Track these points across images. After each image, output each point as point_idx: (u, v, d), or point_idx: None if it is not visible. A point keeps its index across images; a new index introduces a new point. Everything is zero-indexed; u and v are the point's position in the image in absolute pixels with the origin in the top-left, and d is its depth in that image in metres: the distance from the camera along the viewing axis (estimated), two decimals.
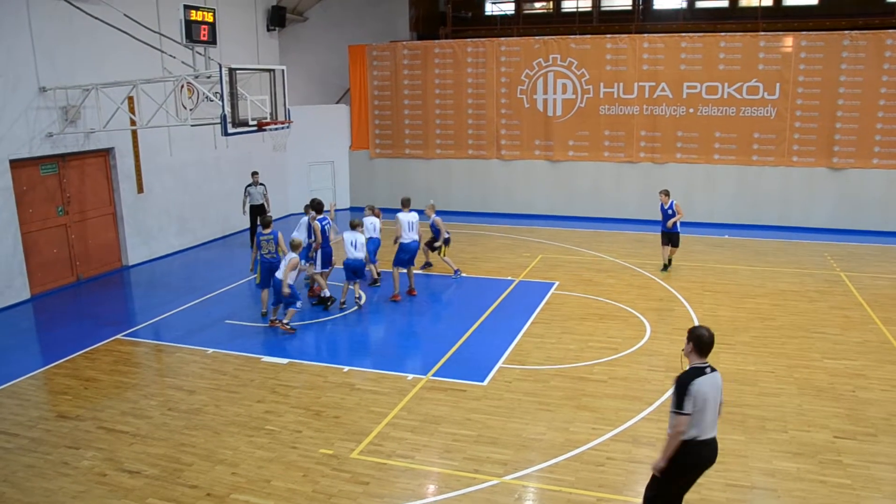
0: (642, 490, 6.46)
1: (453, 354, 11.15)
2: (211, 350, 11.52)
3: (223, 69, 12.24)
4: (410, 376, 10.30)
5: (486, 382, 10.09)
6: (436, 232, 15.05)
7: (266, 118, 13.47)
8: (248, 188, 18.01)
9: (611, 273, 15.67)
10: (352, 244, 13.02)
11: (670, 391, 5.98)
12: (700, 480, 7.54)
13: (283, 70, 13.90)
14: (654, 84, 20.81)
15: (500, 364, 10.71)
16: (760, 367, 10.68)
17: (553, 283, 14.80)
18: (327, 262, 13.67)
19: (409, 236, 13.97)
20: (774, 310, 13.27)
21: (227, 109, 12.38)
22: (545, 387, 9.93)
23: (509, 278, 15.28)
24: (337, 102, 24.49)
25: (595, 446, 8.33)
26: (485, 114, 22.36)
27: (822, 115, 19.86)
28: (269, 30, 21.88)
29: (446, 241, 15.11)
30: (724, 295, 13.98)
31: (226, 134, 12.63)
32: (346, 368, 10.65)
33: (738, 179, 20.61)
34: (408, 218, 14.07)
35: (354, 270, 13.14)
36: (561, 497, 7.35)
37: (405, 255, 14.01)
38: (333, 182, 23.99)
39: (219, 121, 12.51)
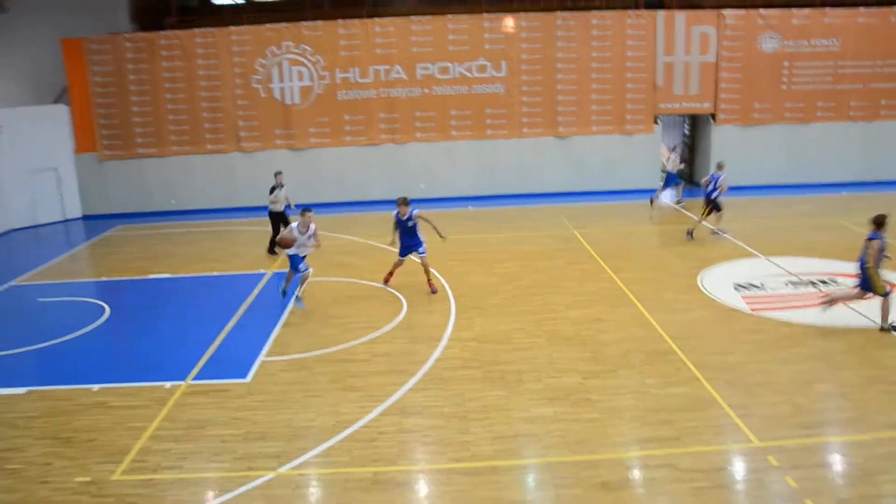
0: (417, 458, 6.73)
1: (212, 355, 10.75)
2: None
3: None
4: (169, 384, 9.76)
5: (249, 378, 9.85)
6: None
7: None
8: (275, 190, 15.95)
9: (363, 255, 15.97)
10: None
11: (430, 361, 6.21)
12: (467, 440, 8.03)
13: None
14: (388, 67, 21.37)
15: (261, 358, 10.51)
16: (513, 325, 11.51)
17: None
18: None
19: None
20: (520, 271, 14.33)
21: None
22: (310, 374, 9.92)
23: (262, 271, 14.99)
24: (54, 102, 22.17)
25: (366, 424, 8.49)
26: (221, 106, 21.57)
27: (545, 90, 21.71)
28: None
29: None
30: (474, 263, 14.82)
31: None
32: (97, 387, 9.82)
33: (475, 154, 21.87)
34: None
35: None
36: (338, 478, 7.42)
37: None
38: (60, 190, 21.72)
39: None
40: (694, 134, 24.39)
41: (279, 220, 15.90)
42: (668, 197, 20.81)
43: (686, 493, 7.04)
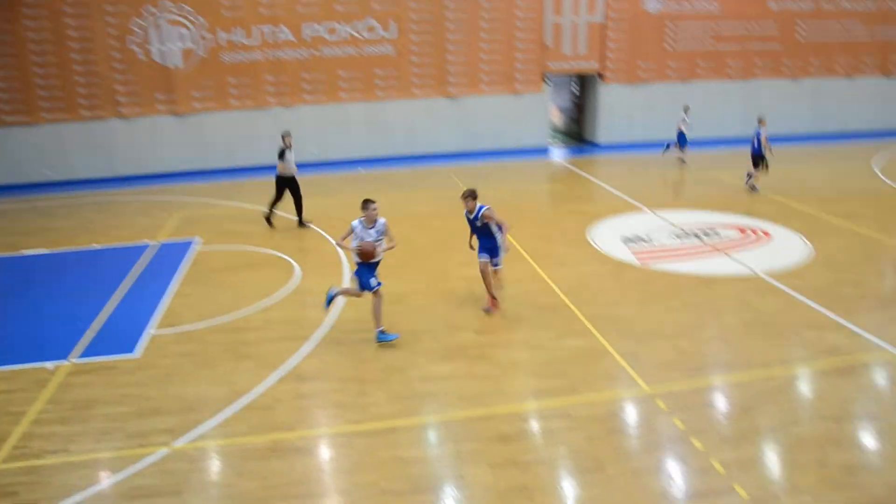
0: (315, 423, 6.65)
1: (97, 332, 10.26)
2: None
3: None
4: (51, 364, 9.27)
5: (138, 353, 9.48)
6: None
7: None
8: (285, 153, 14.68)
9: (253, 221, 15.56)
10: None
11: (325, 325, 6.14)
12: (365, 402, 8.02)
13: None
14: (274, 28, 20.70)
15: (150, 331, 10.12)
16: (408, 285, 11.52)
17: (195, 240, 14.27)
18: None
19: None
20: (414, 232, 14.32)
21: None
22: (202, 344, 9.64)
23: (146, 242, 14.39)
24: None
25: (262, 392, 8.34)
26: (96, 70, 20.38)
27: (435, 49, 21.59)
28: None
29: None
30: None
31: None
32: None
33: (366, 115, 21.59)
34: None
35: None
36: (235, 449, 7.27)
37: None
38: None
39: None
40: (582, 93, 24.92)
41: (287, 185, 14.89)
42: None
43: (581, 441, 7.28)
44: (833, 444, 7.20)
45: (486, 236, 10.40)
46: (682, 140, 20.63)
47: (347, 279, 11.88)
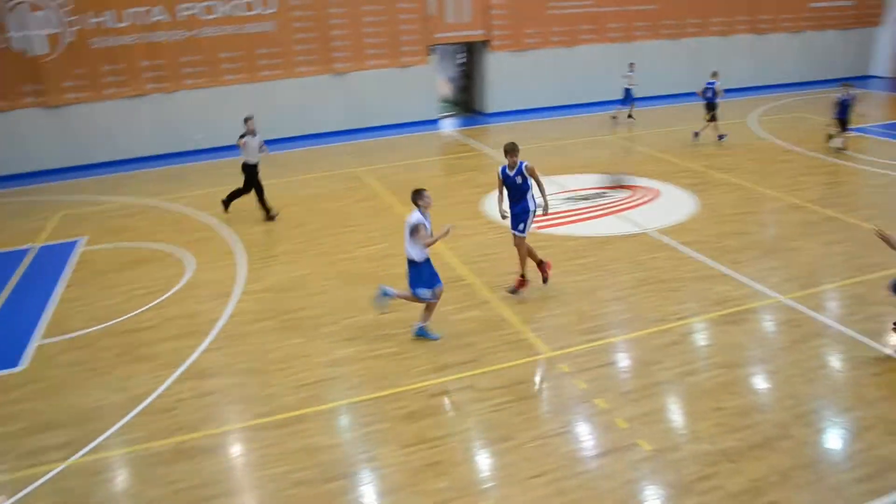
0: (221, 421, 6.50)
1: None
2: None
3: None
4: None
5: (24, 366, 9.00)
6: None
7: None
8: (245, 137, 13.67)
9: (141, 215, 14.94)
10: None
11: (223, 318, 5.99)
12: (270, 393, 7.92)
13: None
14: (147, 8, 19.70)
15: (36, 342, 9.60)
16: (305, 270, 11.38)
17: (80, 240, 13.58)
18: None
19: None
20: (308, 215, 14.12)
21: None
22: (94, 350, 9.24)
23: (26, 246, 13.57)
24: None
25: (161, 393, 8.10)
26: None
27: (318, 25, 21.08)
28: None
29: None
30: (259, 211, 14.32)
31: None
32: None
33: (251, 97, 20.90)
34: None
35: None
36: (138, 455, 7.06)
37: None
38: None
39: None
40: (470, 62, 24.96)
41: (254, 174, 13.96)
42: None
43: (488, 411, 7.44)
44: (726, 390, 7.64)
45: (519, 199, 9.66)
46: (628, 97, 21.29)
47: (244, 270, 11.61)
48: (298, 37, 21.08)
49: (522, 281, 10.06)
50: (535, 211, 9.75)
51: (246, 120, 13.90)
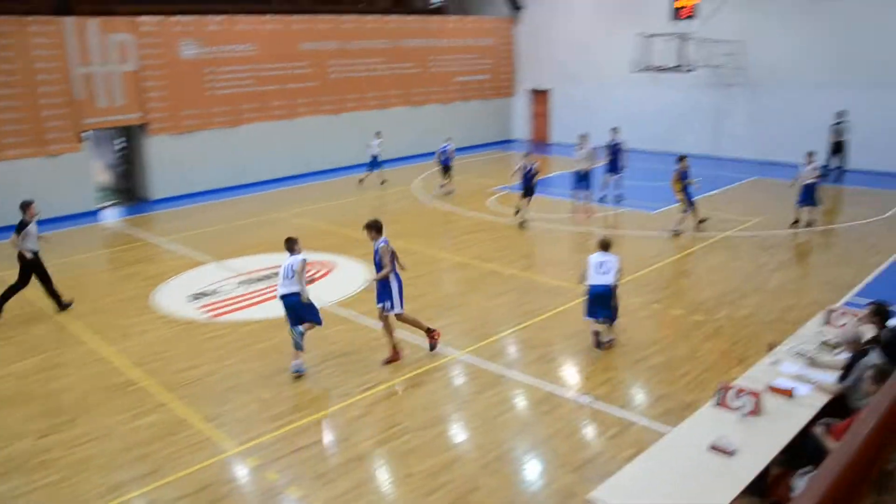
0: None
1: None
2: None
3: None
4: None
5: None
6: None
7: None
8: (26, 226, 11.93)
9: None
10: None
11: None
12: None
13: None
14: None
15: None
16: None
17: None
18: None
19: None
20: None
21: None
22: None
23: None
24: None
25: None
26: None
27: None
28: None
29: None
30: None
31: None
32: None
33: None
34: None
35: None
36: None
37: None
38: None
39: None
40: (130, 146, 23.47)
41: (32, 267, 12.17)
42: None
43: None
44: (416, 454, 7.80)
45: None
46: (374, 164, 22.70)
47: None
48: None
49: (395, 351, 10.14)
50: (394, 287, 9.88)
51: (24, 207, 12.06)
